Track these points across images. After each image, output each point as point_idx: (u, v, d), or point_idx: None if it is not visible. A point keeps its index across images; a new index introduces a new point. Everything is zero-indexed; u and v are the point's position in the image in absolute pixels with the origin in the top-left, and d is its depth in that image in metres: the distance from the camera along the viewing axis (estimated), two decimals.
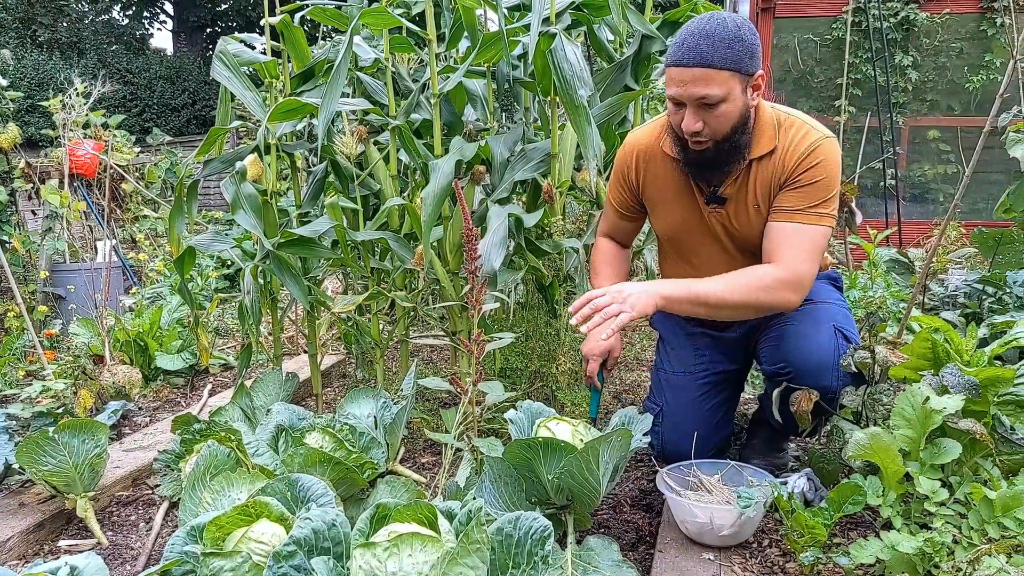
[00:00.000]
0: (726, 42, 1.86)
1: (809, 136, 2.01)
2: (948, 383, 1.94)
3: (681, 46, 1.89)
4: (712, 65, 1.86)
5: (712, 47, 1.86)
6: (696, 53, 1.86)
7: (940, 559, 1.66)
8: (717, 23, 1.88)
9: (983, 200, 6.91)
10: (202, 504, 1.82)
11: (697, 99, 1.90)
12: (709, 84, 1.88)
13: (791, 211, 2.00)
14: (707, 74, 1.87)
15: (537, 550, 1.51)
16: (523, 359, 2.84)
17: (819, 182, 1.98)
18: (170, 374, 3.79)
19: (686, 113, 1.94)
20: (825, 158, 1.99)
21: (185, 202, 2.86)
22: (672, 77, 1.93)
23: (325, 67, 2.84)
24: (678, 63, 1.89)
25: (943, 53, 7.00)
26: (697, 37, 1.87)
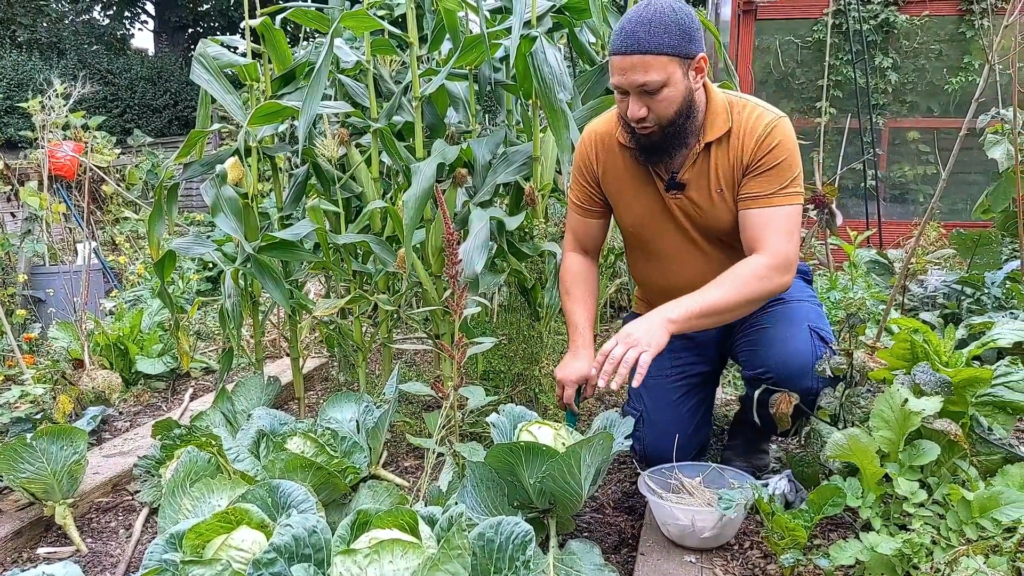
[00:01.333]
0: (663, 27, 1.87)
1: (763, 118, 2.03)
2: (920, 381, 1.96)
3: (620, 34, 1.90)
4: (650, 51, 1.87)
5: (649, 33, 1.87)
6: (634, 40, 1.88)
7: (919, 560, 1.67)
8: (654, 10, 1.89)
9: (962, 201, 6.98)
10: (182, 511, 1.81)
11: (638, 86, 1.91)
12: (648, 71, 1.89)
13: (762, 196, 2.02)
14: (645, 61, 1.88)
15: (519, 555, 1.51)
16: (506, 362, 2.84)
17: (782, 162, 2.01)
18: (151, 378, 3.76)
19: (630, 100, 1.96)
20: (783, 138, 2.01)
21: (165, 205, 2.84)
22: (614, 66, 1.94)
23: (306, 70, 2.83)
24: (617, 51, 1.91)
25: (922, 55, 7.07)
26: (634, 24, 1.88)
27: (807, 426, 2.18)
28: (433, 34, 2.96)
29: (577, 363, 2.17)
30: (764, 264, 1.98)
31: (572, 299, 2.32)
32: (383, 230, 2.88)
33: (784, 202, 2.01)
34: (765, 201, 2.02)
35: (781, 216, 2.01)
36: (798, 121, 6.84)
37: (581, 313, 2.26)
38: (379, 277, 2.83)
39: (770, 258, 1.98)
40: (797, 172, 2.03)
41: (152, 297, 4.60)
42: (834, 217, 3.88)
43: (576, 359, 2.18)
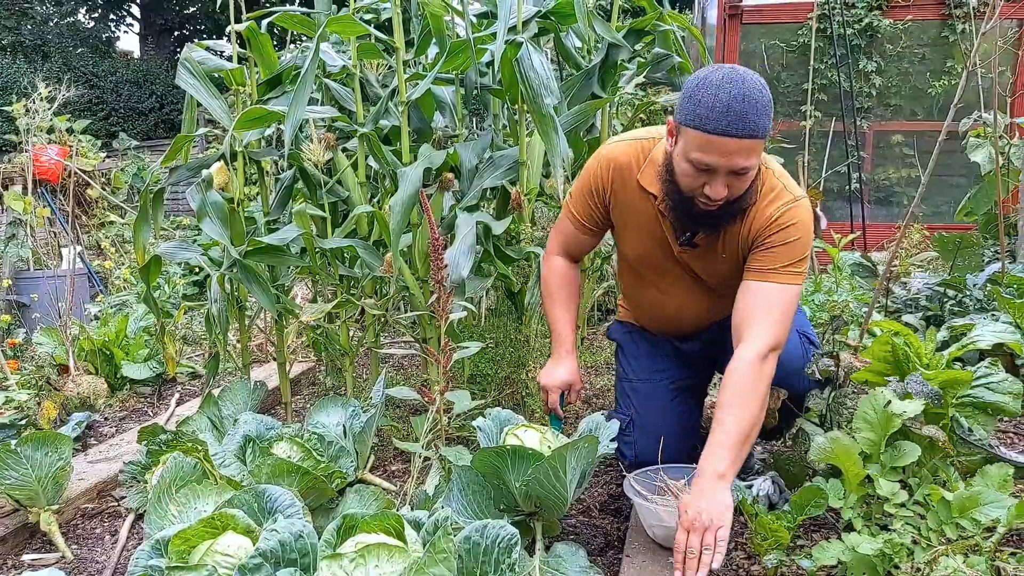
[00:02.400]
0: (765, 107, 1.74)
1: (781, 197, 1.94)
2: (912, 390, 1.99)
3: (727, 113, 1.70)
4: (757, 135, 1.73)
5: (758, 114, 1.72)
6: (745, 123, 1.71)
7: (900, 560, 1.69)
8: (752, 85, 1.73)
9: (945, 204, 7.05)
10: (168, 517, 1.81)
11: (738, 170, 1.78)
12: (751, 155, 1.76)
13: (766, 271, 1.93)
14: (753, 145, 1.75)
15: (504, 558, 1.52)
16: (493, 365, 2.85)
17: (791, 243, 1.92)
18: (137, 383, 3.75)
19: (714, 180, 1.80)
20: (797, 221, 1.93)
21: (151, 210, 2.83)
22: (714, 145, 1.74)
23: (292, 74, 2.83)
24: (725, 132, 1.71)
25: (906, 59, 7.14)
26: (743, 103, 1.70)
27: (795, 427, 2.21)
28: (419, 39, 2.96)
29: (560, 369, 2.19)
30: (756, 353, 1.86)
31: (555, 303, 2.28)
32: (370, 234, 2.88)
33: (786, 280, 1.92)
34: (768, 275, 1.93)
35: (779, 297, 1.92)
36: (783, 124, 6.90)
37: (564, 318, 2.25)
38: (366, 281, 2.83)
39: (759, 344, 1.87)
40: (804, 255, 1.95)
41: (138, 302, 4.58)
42: (818, 220, 3.91)
43: (559, 365, 2.20)
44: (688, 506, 1.71)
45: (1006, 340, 2.30)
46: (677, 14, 3.02)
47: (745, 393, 1.83)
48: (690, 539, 1.66)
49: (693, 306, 2.23)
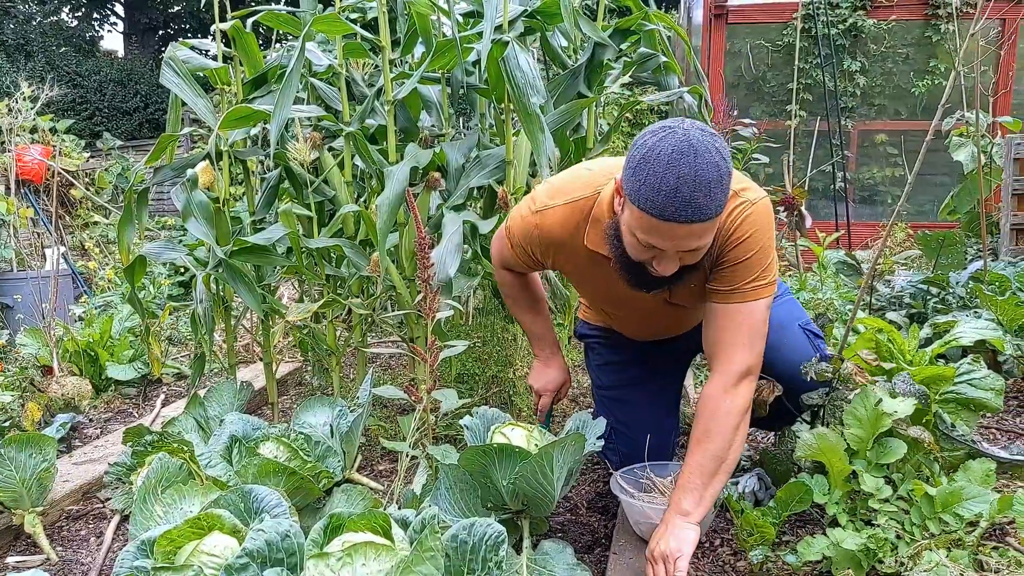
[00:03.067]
0: (720, 183, 1.56)
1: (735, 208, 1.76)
2: (900, 389, 2.01)
3: (674, 198, 1.53)
4: (709, 217, 1.57)
5: (710, 196, 1.55)
6: (694, 209, 1.54)
7: (883, 555, 1.71)
8: (705, 161, 1.54)
9: (929, 202, 7.11)
10: (153, 517, 1.80)
11: (689, 251, 1.66)
12: (704, 235, 1.63)
13: (727, 292, 1.81)
14: (704, 228, 1.60)
15: (491, 555, 1.52)
16: (480, 364, 2.85)
17: (750, 258, 1.78)
18: (122, 384, 3.72)
19: (662, 257, 1.68)
20: (753, 232, 1.77)
21: (135, 210, 2.81)
22: (657, 230, 1.60)
23: (278, 73, 2.82)
24: (672, 219, 1.56)
25: (890, 59, 7.20)
26: (692, 187, 1.53)
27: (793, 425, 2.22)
28: (406, 38, 2.96)
29: (551, 372, 2.18)
30: (719, 388, 1.79)
31: (521, 309, 2.21)
32: (356, 234, 2.88)
33: (749, 298, 1.80)
34: (730, 297, 1.81)
35: (745, 317, 1.80)
36: (768, 124, 6.94)
37: (537, 319, 2.22)
38: (352, 281, 2.83)
39: (728, 376, 1.79)
40: (767, 264, 1.81)
41: (122, 302, 4.55)
42: (803, 219, 3.94)
43: (548, 366, 2.19)
44: (654, 541, 1.72)
45: (988, 337, 2.33)
46: (662, 14, 3.02)
47: (712, 429, 1.77)
48: (654, 570, 1.69)
49: (662, 321, 2.17)
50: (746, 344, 1.81)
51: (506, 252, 2.11)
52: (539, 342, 2.23)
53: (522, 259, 2.06)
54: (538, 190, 1.99)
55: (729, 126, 4.86)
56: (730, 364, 1.80)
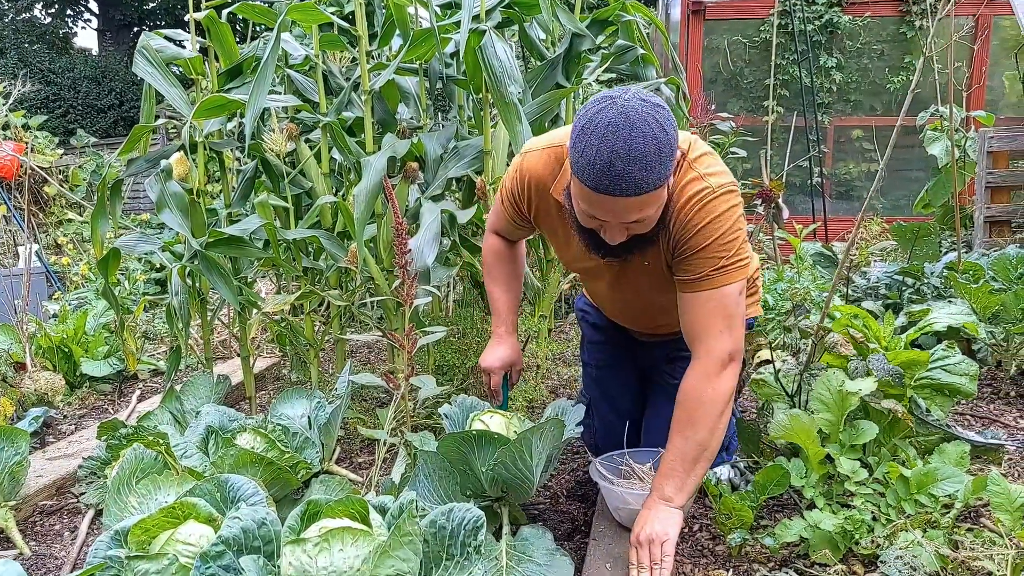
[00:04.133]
0: (658, 156, 1.52)
1: (694, 194, 1.73)
2: (874, 368, 2.03)
3: (608, 171, 1.51)
4: (648, 190, 1.55)
5: (646, 170, 1.52)
6: (628, 182, 1.52)
7: (860, 536, 1.72)
8: (640, 134, 1.51)
9: (904, 197, 7.20)
10: (127, 508, 1.78)
11: (630, 222, 1.65)
12: (644, 207, 1.60)
13: (694, 280, 1.78)
14: (643, 200, 1.57)
15: (470, 540, 1.52)
16: (460, 356, 2.84)
17: (713, 244, 1.74)
18: (97, 381, 3.67)
19: (608, 227, 1.67)
20: (708, 220, 1.73)
21: (108, 202, 2.78)
22: (595, 201, 1.59)
23: (253, 64, 2.80)
24: (608, 192, 1.54)
25: (865, 55, 7.28)
26: (626, 161, 1.50)
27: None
28: (383, 29, 2.95)
29: (501, 349, 2.13)
30: (702, 375, 1.78)
31: (494, 282, 2.19)
32: (334, 226, 2.86)
33: (718, 284, 1.76)
34: (698, 285, 1.78)
35: (716, 302, 1.77)
36: (746, 120, 6.98)
37: (503, 297, 2.18)
38: (331, 273, 2.81)
39: (706, 361, 1.78)
40: (734, 248, 1.76)
41: (97, 298, 4.50)
42: (780, 211, 3.95)
43: (500, 345, 2.14)
44: (639, 526, 1.72)
45: (962, 322, 2.36)
46: (640, 4, 3.04)
47: (697, 417, 1.75)
48: (639, 554, 1.68)
49: (639, 305, 2.15)
50: (724, 329, 1.78)
51: (498, 208, 2.12)
52: (497, 319, 2.18)
53: (510, 213, 2.05)
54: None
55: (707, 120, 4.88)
56: (710, 351, 1.78)
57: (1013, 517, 1.61)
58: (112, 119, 15.79)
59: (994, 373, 3.01)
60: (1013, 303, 2.75)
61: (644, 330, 2.30)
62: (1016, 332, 2.81)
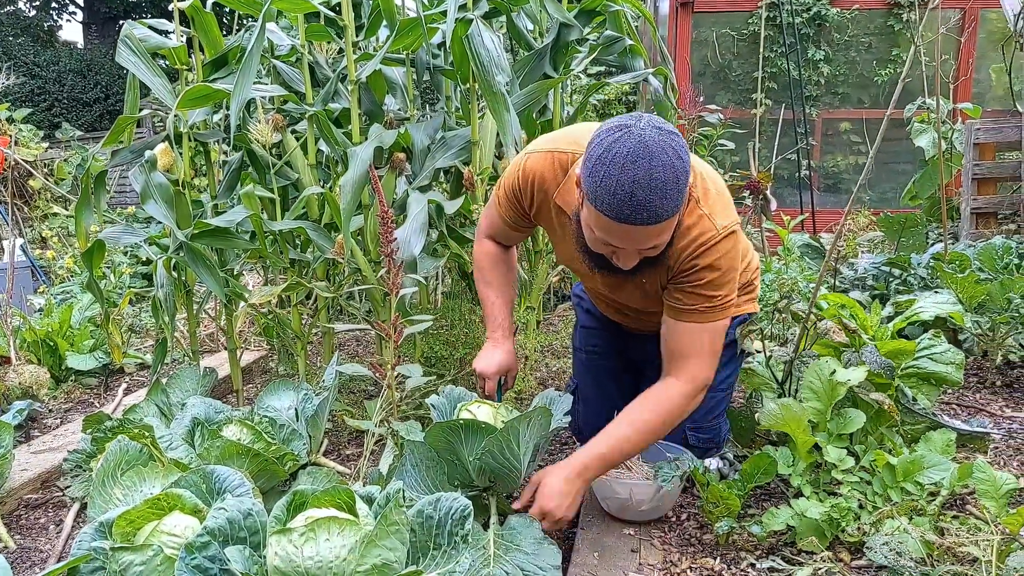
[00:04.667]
0: (675, 186, 1.54)
1: (701, 233, 1.78)
2: (866, 359, 2.04)
3: (629, 201, 1.53)
4: (664, 218, 1.57)
5: (665, 199, 1.54)
6: (650, 212, 1.54)
7: (846, 523, 1.73)
8: (660, 163, 1.52)
9: (892, 190, 7.22)
10: (112, 500, 1.76)
11: (646, 249, 1.67)
12: (660, 235, 1.63)
13: (684, 311, 1.83)
14: (661, 228, 1.59)
15: (457, 529, 1.51)
16: (448, 347, 2.83)
17: (708, 282, 1.79)
18: (82, 374, 3.64)
19: (622, 254, 1.69)
20: (715, 260, 1.78)
21: (92, 194, 2.75)
22: (613, 230, 1.60)
23: (239, 54, 2.77)
24: (626, 220, 1.55)
25: (853, 47, 7.29)
26: (648, 191, 1.52)
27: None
28: (369, 20, 2.93)
29: (497, 354, 2.12)
30: (683, 397, 1.84)
31: (488, 286, 2.19)
32: (321, 217, 2.84)
33: (707, 319, 1.82)
34: (689, 316, 1.82)
35: (703, 336, 1.83)
36: (734, 112, 6.99)
37: (498, 302, 2.18)
38: (317, 264, 2.79)
39: (687, 387, 1.84)
40: (726, 290, 1.82)
41: (82, 292, 4.46)
42: (768, 203, 3.97)
43: (496, 350, 2.13)
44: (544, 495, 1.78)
45: (948, 311, 2.37)
46: None
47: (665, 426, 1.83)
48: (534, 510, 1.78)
49: (631, 310, 2.17)
50: (708, 360, 1.86)
51: (493, 211, 2.13)
52: (493, 323, 2.17)
53: (508, 213, 2.06)
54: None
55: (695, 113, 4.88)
56: (695, 378, 1.84)
57: (998, 504, 1.62)
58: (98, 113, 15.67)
59: (980, 363, 3.03)
60: (999, 293, 2.76)
61: (637, 327, 2.30)
62: (1002, 321, 2.83)
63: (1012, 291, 2.75)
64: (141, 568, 1.45)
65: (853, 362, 2.08)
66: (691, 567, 1.74)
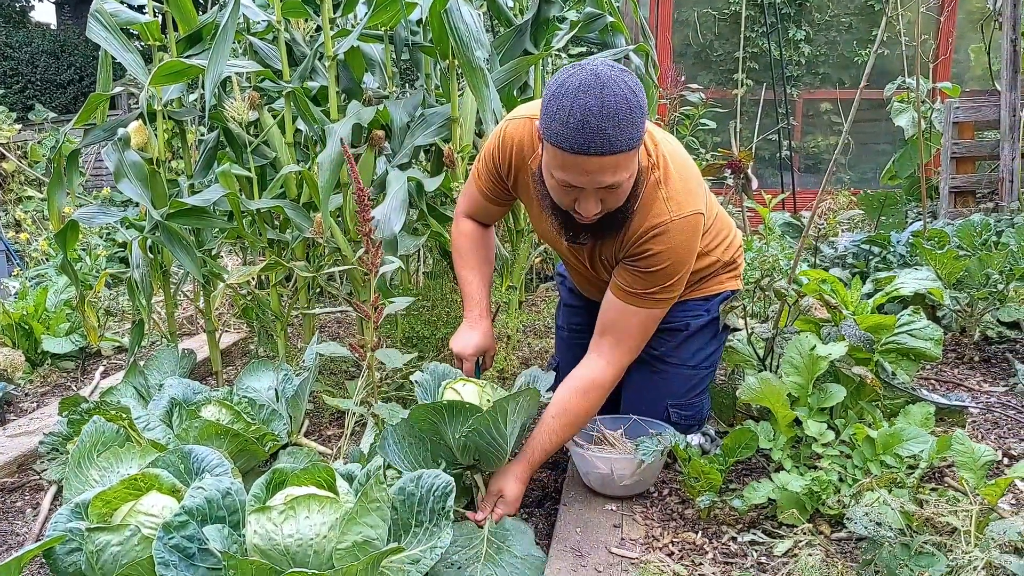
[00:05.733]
0: (630, 117, 1.55)
1: (655, 216, 1.79)
2: (846, 333, 2.04)
3: (582, 129, 1.53)
4: (622, 150, 1.56)
5: (619, 128, 1.54)
6: (603, 139, 1.54)
7: (826, 496, 1.74)
8: (613, 93, 1.54)
9: (871, 170, 7.26)
10: (89, 482, 1.74)
11: (605, 187, 1.64)
12: (619, 170, 1.61)
13: (625, 291, 1.85)
14: (619, 160, 1.58)
15: (439, 506, 1.51)
16: (429, 327, 2.81)
17: (657, 272, 1.81)
18: (59, 358, 3.59)
19: (584, 197, 1.67)
20: (667, 248, 1.78)
21: (65, 173, 2.70)
22: (572, 165, 1.59)
23: (213, 30, 2.72)
24: (580, 150, 1.55)
25: (834, 27, 7.29)
26: (599, 118, 1.52)
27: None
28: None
29: (474, 335, 2.11)
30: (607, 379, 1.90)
31: (466, 266, 2.17)
32: (299, 196, 2.81)
33: (646, 305, 1.85)
34: (628, 296, 1.85)
35: (636, 320, 1.86)
36: (715, 93, 6.98)
37: (476, 281, 2.16)
38: (296, 244, 2.76)
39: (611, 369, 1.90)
40: (672, 282, 1.83)
41: (58, 274, 4.39)
42: (749, 182, 3.97)
43: (473, 330, 2.11)
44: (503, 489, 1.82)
45: (928, 287, 2.38)
46: None
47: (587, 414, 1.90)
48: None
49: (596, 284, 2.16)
50: (636, 347, 1.93)
51: (472, 187, 2.13)
52: (470, 303, 2.16)
53: (488, 181, 2.06)
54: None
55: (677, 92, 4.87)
56: (619, 362, 1.90)
57: (977, 475, 1.64)
58: (72, 95, 15.40)
59: (958, 339, 3.05)
60: (977, 269, 2.78)
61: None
62: (980, 297, 2.85)
63: (990, 267, 2.77)
64: (118, 548, 1.43)
65: (833, 337, 2.09)
66: (673, 541, 1.74)
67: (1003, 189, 4.52)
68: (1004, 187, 4.51)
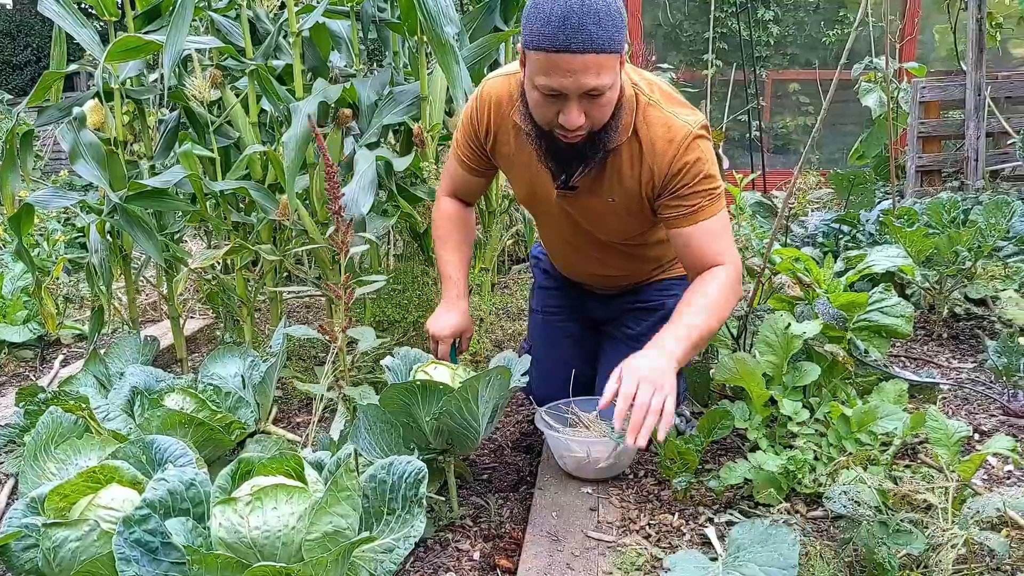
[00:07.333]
0: (611, 18, 1.55)
1: (677, 132, 1.79)
2: (819, 311, 2.03)
3: (564, 26, 1.52)
4: (603, 49, 1.55)
5: (600, 24, 1.53)
6: (585, 34, 1.53)
7: (802, 475, 1.73)
8: None
9: (839, 151, 7.30)
10: (46, 475, 1.67)
11: (588, 91, 1.61)
12: (601, 72, 1.58)
13: (692, 214, 1.83)
14: (601, 61, 1.56)
15: (412, 493, 1.47)
16: (400, 310, 2.77)
17: (702, 176, 1.80)
18: (16, 347, 3.48)
19: (567, 107, 1.64)
20: (700, 153, 1.80)
21: (18, 155, 2.60)
22: (554, 64, 1.57)
23: (172, 5, 2.63)
24: (562, 47, 1.54)
25: (801, 8, 7.31)
26: (580, 15, 1.52)
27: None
28: None
29: (452, 316, 2.07)
30: (733, 276, 1.84)
31: (446, 246, 2.15)
32: (265, 178, 2.73)
33: (715, 210, 1.83)
34: (697, 217, 1.83)
35: (718, 226, 1.84)
36: (686, 74, 6.96)
37: (455, 262, 2.13)
38: (261, 227, 2.69)
39: (734, 268, 1.85)
40: (718, 181, 1.85)
41: (14, 261, 4.25)
42: (720, 161, 3.95)
43: (450, 311, 2.08)
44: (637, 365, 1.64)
45: (900, 264, 2.38)
46: None
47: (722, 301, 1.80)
48: (640, 388, 1.58)
49: (595, 255, 2.12)
50: (729, 244, 1.89)
51: (451, 161, 2.12)
52: (448, 284, 2.12)
53: (467, 149, 2.05)
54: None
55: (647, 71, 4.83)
56: (734, 260, 1.86)
57: (951, 451, 1.63)
58: (29, 76, 15.00)
59: (927, 316, 3.08)
60: (946, 246, 2.79)
61: (599, 285, 2.27)
62: (949, 274, 2.87)
63: (959, 244, 2.78)
64: (76, 544, 1.37)
65: (806, 315, 2.08)
66: (650, 523, 1.72)
67: (968, 168, 4.57)
68: (969, 166, 4.56)
